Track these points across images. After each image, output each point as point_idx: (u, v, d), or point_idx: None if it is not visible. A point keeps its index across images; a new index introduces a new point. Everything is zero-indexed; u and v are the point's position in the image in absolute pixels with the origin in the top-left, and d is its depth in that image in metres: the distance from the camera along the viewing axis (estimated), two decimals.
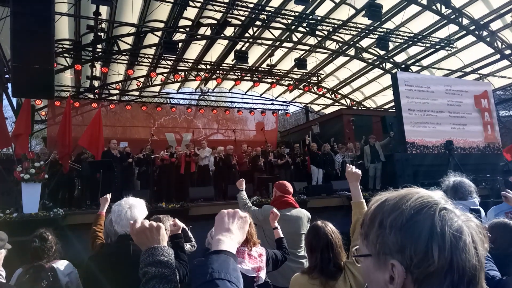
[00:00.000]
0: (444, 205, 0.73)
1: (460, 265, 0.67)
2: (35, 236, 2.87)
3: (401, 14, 11.68)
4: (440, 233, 0.68)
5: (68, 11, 9.60)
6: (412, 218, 0.71)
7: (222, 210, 1.13)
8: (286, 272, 2.98)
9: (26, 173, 6.12)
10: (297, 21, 11.40)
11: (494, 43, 12.34)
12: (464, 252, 0.67)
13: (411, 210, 0.72)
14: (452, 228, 0.69)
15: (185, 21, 11.21)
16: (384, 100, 17.44)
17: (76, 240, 5.30)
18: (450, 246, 0.67)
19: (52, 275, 2.70)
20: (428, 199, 0.73)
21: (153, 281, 1.17)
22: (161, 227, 1.29)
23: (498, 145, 12.58)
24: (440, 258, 0.67)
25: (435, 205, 0.72)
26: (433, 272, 0.67)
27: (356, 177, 2.27)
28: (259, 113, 16.84)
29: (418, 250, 0.68)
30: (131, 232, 1.30)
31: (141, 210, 2.16)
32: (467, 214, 0.74)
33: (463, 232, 0.69)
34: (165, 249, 1.25)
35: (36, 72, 5.93)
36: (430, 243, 0.68)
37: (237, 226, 1.08)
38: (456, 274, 0.67)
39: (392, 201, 0.77)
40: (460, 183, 3.18)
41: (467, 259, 0.67)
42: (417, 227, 0.70)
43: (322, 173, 10.60)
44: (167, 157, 9.80)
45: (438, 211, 0.71)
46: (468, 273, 0.67)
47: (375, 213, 0.77)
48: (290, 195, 3.69)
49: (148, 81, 15.02)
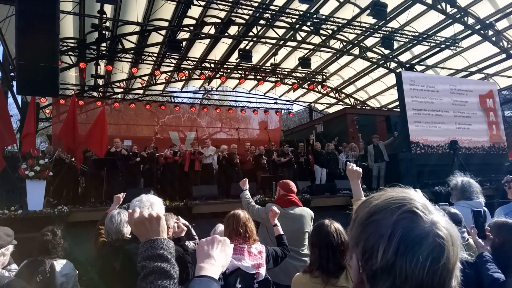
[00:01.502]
0: (412, 208, 0.70)
1: (402, 271, 0.65)
2: (48, 230, 2.95)
3: (406, 13, 11.61)
4: (390, 234, 0.67)
5: (72, 10, 9.64)
6: (372, 216, 0.72)
7: (201, 240, 1.16)
8: (288, 270, 2.98)
9: (31, 171, 6.16)
10: (301, 20, 11.38)
11: (499, 42, 12.25)
12: (410, 260, 0.65)
13: (374, 208, 0.73)
14: (408, 233, 0.67)
15: (189, 20, 11.22)
16: (388, 99, 17.37)
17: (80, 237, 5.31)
18: (396, 250, 0.66)
19: (49, 272, 2.73)
20: (396, 200, 0.72)
21: (151, 276, 1.09)
22: (162, 217, 1.21)
23: (503, 145, 12.49)
24: (382, 259, 0.66)
25: (399, 207, 0.70)
26: (376, 271, 0.68)
27: (357, 175, 2.29)
28: (262, 112, 16.83)
29: (366, 247, 0.70)
30: (129, 221, 1.23)
31: (160, 209, 2.15)
32: (445, 223, 0.70)
33: (421, 240, 0.66)
34: (165, 242, 1.17)
35: (40, 70, 5.96)
36: (378, 243, 0.68)
37: (218, 251, 1.10)
38: (398, 279, 0.65)
39: (371, 199, 0.78)
40: (468, 183, 3.17)
41: (412, 268, 0.64)
42: (372, 225, 0.71)
43: (325, 172, 10.59)
44: (171, 156, 9.82)
45: (399, 214, 0.69)
46: (412, 281, 0.65)
47: (356, 210, 0.80)
48: (293, 193, 3.70)
49: (152, 79, 15.05)
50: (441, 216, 0.71)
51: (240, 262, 2.31)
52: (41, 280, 2.65)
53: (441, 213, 0.72)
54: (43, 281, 2.66)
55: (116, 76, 14.49)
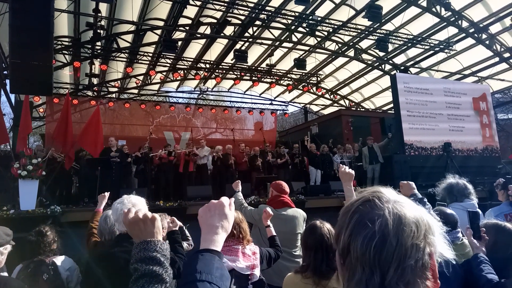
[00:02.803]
0: (370, 197, 0.78)
1: (355, 250, 0.72)
2: (33, 231, 2.89)
3: (401, 15, 11.68)
4: (349, 219, 0.77)
5: (67, 8, 9.58)
6: (344, 210, 0.82)
7: (199, 209, 1.10)
8: (281, 271, 2.98)
9: (23, 170, 6.11)
10: (297, 21, 11.40)
11: (493, 46, 12.37)
12: (359, 239, 0.72)
13: (348, 205, 0.82)
14: (363, 217, 0.75)
15: (185, 19, 11.19)
16: (383, 101, 17.46)
17: (73, 237, 5.28)
18: (351, 232, 0.74)
19: (52, 269, 2.71)
20: (364, 194, 0.81)
21: (143, 280, 1.06)
22: (157, 218, 1.19)
23: (496, 147, 12.61)
24: (342, 240, 0.76)
25: (361, 198, 0.80)
26: (342, 252, 0.76)
27: (350, 177, 2.31)
28: (257, 113, 16.84)
29: (336, 234, 0.80)
30: (124, 221, 1.21)
31: (142, 209, 2.14)
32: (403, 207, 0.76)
33: (372, 222, 0.73)
34: (159, 244, 1.14)
35: (34, 69, 5.92)
36: (342, 228, 0.78)
37: (217, 217, 1.05)
38: (353, 257, 0.73)
39: None
40: (457, 185, 3.20)
41: (359, 246, 0.72)
42: (342, 217, 0.80)
43: (320, 173, 10.61)
44: (165, 156, 9.79)
45: (359, 203, 0.78)
46: (362, 257, 0.71)
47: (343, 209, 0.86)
48: (286, 194, 3.70)
49: (147, 79, 15.00)
50: (400, 205, 0.76)
51: (234, 263, 2.31)
52: (48, 278, 2.63)
53: (404, 204, 0.77)
54: (50, 279, 2.63)
55: (111, 76, 14.42)
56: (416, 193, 2.79)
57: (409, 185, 2.82)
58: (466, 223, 2.26)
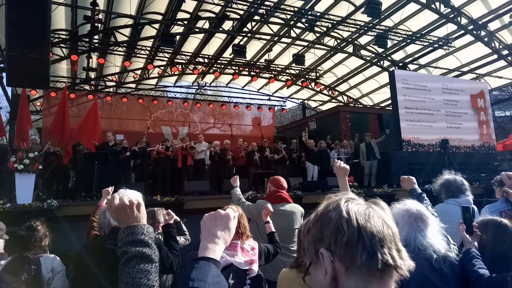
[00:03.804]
0: (351, 197, 0.87)
1: (368, 230, 0.78)
2: (24, 226, 2.85)
3: (400, 12, 11.65)
4: (346, 211, 0.82)
5: (65, 1, 9.50)
6: (324, 210, 0.86)
7: (204, 216, 1.14)
8: (279, 266, 2.98)
9: (20, 164, 6.08)
10: (296, 17, 11.36)
11: (491, 43, 12.38)
12: (369, 220, 0.80)
13: (322, 208, 0.88)
14: (358, 207, 0.83)
15: (183, 14, 11.12)
16: (381, 98, 17.46)
17: (70, 232, 5.29)
18: (355, 218, 0.80)
19: (34, 269, 2.66)
20: (333, 198, 0.89)
21: (133, 261, 1.12)
22: (142, 204, 1.24)
23: (493, 144, 12.67)
24: (349, 228, 0.78)
25: (340, 198, 0.86)
26: (347, 242, 0.78)
27: (345, 172, 2.32)
28: (255, 108, 16.82)
29: (331, 228, 0.81)
30: (109, 208, 1.24)
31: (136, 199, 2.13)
32: (371, 200, 0.89)
33: (368, 211, 0.82)
34: (145, 228, 1.19)
35: (31, 62, 5.88)
36: (339, 221, 0.80)
37: (220, 227, 1.09)
38: (366, 237, 0.77)
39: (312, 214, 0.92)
40: (451, 181, 3.21)
41: (373, 225, 0.79)
42: (328, 215, 0.84)
43: (317, 169, 10.63)
44: (163, 151, 9.77)
45: (344, 201, 0.85)
46: (377, 236, 0.78)
47: (303, 229, 0.91)
48: (284, 190, 3.71)
49: (145, 73, 14.93)
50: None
51: (233, 258, 2.31)
52: (27, 278, 2.59)
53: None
54: (29, 280, 2.60)
55: (108, 70, 14.33)
56: (416, 188, 2.80)
57: (409, 179, 2.83)
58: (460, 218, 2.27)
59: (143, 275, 1.11)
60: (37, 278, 2.65)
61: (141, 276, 1.10)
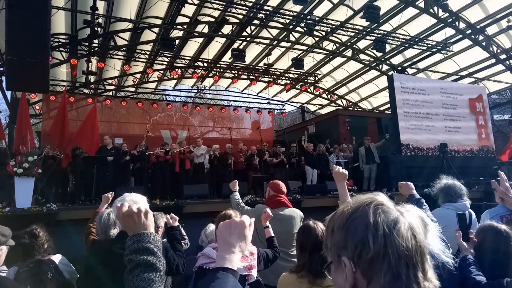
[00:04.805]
0: (380, 201, 0.81)
1: (394, 249, 0.74)
2: (25, 233, 2.83)
3: (399, 16, 11.71)
4: (374, 223, 0.77)
5: (65, 5, 9.53)
6: (351, 216, 0.81)
7: (219, 225, 1.15)
8: (277, 271, 2.98)
9: (19, 167, 6.07)
10: (295, 21, 11.41)
11: (489, 47, 12.43)
12: (397, 238, 0.75)
13: (350, 210, 0.83)
14: (386, 219, 0.77)
15: (182, 18, 11.17)
16: (380, 101, 17.51)
17: (69, 236, 5.26)
18: (383, 233, 0.75)
19: (54, 267, 2.68)
20: (365, 200, 0.83)
21: (138, 269, 1.12)
22: (150, 212, 1.24)
23: (492, 148, 12.69)
24: (375, 245, 0.75)
25: (370, 203, 0.81)
26: (371, 258, 0.75)
27: (343, 177, 2.33)
28: (255, 112, 16.84)
29: (356, 241, 0.77)
30: (118, 215, 1.25)
31: (145, 206, 2.13)
32: (406, 207, 0.83)
33: (397, 221, 0.77)
34: (152, 236, 1.19)
35: (31, 66, 5.89)
36: (366, 233, 0.76)
37: (236, 236, 1.09)
38: (392, 256, 0.74)
39: (340, 210, 0.87)
40: (450, 186, 3.22)
41: (401, 243, 0.74)
42: (355, 222, 0.79)
43: (316, 173, 10.63)
44: (162, 155, 9.76)
45: (373, 207, 0.80)
46: (404, 256, 0.74)
47: (328, 224, 0.88)
48: (283, 194, 3.70)
49: (145, 77, 14.96)
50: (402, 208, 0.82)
51: None
52: (53, 276, 2.59)
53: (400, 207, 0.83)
54: (55, 277, 2.60)
55: (108, 73, 14.37)
56: (414, 193, 2.80)
57: (407, 185, 2.83)
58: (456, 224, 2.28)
59: (147, 284, 1.10)
60: (61, 274, 2.68)
61: (144, 285, 1.10)
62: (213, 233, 3.32)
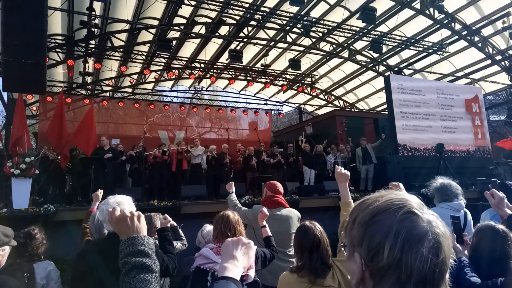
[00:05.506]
0: (411, 209, 0.75)
1: (408, 267, 0.70)
2: (22, 232, 2.83)
3: (395, 17, 11.76)
4: (395, 233, 0.71)
5: (61, 6, 9.50)
6: (375, 216, 0.76)
7: (226, 239, 1.23)
8: (276, 271, 3.00)
9: (16, 168, 6.06)
10: (292, 22, 11.44)
11: (485, 48, 12.50)
12: (415, 256, 0.70)
13: (376, 210, 0.77)
14: (410, 233, 0.71)
15: (179, 19, 11.16)
16: (377, 102, 17.57)
17: (67, 236, 5.26)
18: (401, 247, 0.70)
19: (27, 277, 2.63)
20: (396, 202, 0.77)
21: (133, 271, 1.14)
22: (142, 215, 1.26)
23: (488, 149, 12.76)
24: (388, 256, 0.71)
25: (400, 208, 0.75)
26: (382, 268, 0.72)
27: (345, 178, 2.35)
28: (252, 112, 16.85)
29: (372, 245, 0.74)
30: (110, 220, 1.27)
31: (129, 207, 2.10)
32: (438, 221, 0.75)
33: (422, 238, 0.71)
34: (146, 239, 1.22)
35: (27, 67, 5.87)
36: (384, 241, 0.72)
37: (241, 252, 1.17)
38: (404, 274, 0.70)
39: (369, 200, 0.82)
40: (446, 185, 3.24)
41: (417, 263, 0.69)
42: (376, 225, 0.75)
43: (314, 173, 10.66)
44: (160, 155, 9.76)
45: (401, 214, 0.74)
46: (417, 276, 0.70)
47: (353, 211, 0.84)
48: (280, 195, 3.71)
49: (142, 78, 14.93)
50: (433, 215, 0.77)
51: None
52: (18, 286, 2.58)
53: (432, 213, 0.77)
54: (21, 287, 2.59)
55: (105, 74, 14.33)
56: None
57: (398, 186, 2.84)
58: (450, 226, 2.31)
59: (144, 285, 1.13)
60: (30, 286, 2.62)
61: (141, 286, 1.12)
62: (210, 233, 3.33)
